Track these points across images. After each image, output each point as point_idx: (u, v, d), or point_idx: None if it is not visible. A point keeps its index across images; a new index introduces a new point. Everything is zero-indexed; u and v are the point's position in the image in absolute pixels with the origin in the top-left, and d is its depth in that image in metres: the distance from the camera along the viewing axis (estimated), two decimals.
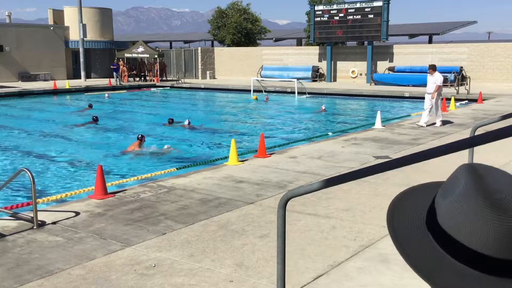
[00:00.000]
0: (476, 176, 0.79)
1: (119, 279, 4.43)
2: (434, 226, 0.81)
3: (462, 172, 0.81)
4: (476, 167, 0.81)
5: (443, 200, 0.81)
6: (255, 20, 45.89)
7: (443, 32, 37.32)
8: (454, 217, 0.78)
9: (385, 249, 5.01)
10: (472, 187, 0.77)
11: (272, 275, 4.34)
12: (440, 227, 0.80)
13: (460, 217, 0.77)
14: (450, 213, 0.78)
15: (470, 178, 0.79)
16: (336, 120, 18.09)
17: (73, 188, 8.61)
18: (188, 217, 6.08)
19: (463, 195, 0.77)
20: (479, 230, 0.75)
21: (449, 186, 0.82)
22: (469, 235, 0.76)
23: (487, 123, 6.57)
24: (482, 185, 0.77)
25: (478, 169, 0.81)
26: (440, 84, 13.58)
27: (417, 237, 0.83)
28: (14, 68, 35.29)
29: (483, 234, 0.75)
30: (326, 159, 9.43)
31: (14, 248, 5.12)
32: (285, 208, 3.29)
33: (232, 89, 29.71)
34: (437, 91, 13.44)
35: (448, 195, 0.80)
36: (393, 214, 0.89)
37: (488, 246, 0.75)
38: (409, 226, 0.85)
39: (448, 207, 0.79)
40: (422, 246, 0.81)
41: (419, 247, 0.82)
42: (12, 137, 14.79)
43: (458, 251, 0.78)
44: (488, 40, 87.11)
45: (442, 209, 0.80)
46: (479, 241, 0.75)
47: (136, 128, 15.95)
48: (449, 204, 0.79)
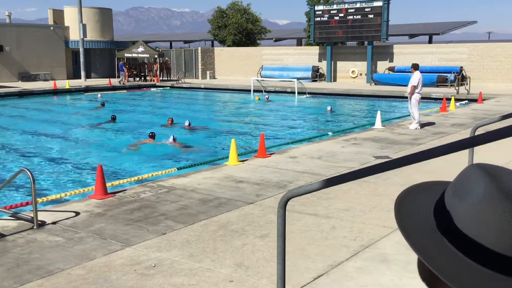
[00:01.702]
0: (493, 177, 0.77)
1: (119, 279, 4.43)
2: (452, 230, 0.79)
3: (476, 173, 0.79)
4: (489, 168, 0.80)
5: (459, 202, 0.79)
6: (255, 20, 45.88)
7: (443, 32, 37.31)
8: (477, 220, 0.76)
9: (385, 249, 5.01)
10: (494, 188, 0.76)
11: (272, 275, 4.34)
12: (459, 231, 0.78)
13: (484, 219, 0.75)
14: (472, 216, 0.77)
15: (489, 179, 0.77)
16: (336, 120, 18.09)
17: (73, 188, 8.61)
18: (188, 217, 6.08)
19: (486, 197, 0.76)
20: (506, 233, 0.74)
21: (462, 188, 0.80)
22: (496, 238, 0.74)
23: (487, 123, 6.57)
24: (503, 187, 0.76)
25: (491, 170, 0.79)
26: (414, 85, 12.89)
27: (432, 242, 0.80)
28: (14, 68, 35.28)
29: (509, 236, 0.74)
30: (326, 159, 9.43)
31: (14, 248, 5.12)
32: (285, 208, 3.29)
33: (232, 89, 29.70)
34: (412, 91, 12.99)
35: (465, 197, 0.78)
36: (402, 218, 0.87)
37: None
38: (422, 230, 0.83)
39: (468, 210, 0.77)
40: (441, 252, 0.79)
41: (438, 252, 0.79)
42: (12, 137, 14.78)
43: (482, 255, 0.76)
44: (488, 40, 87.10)
45: (460, 212, 0.78)
46: (506, 243, 0.74)
47: (136, 128, 15.95)
48: (470, 206, 0.77)
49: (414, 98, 13.14)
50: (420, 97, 13.34)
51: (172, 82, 35.00)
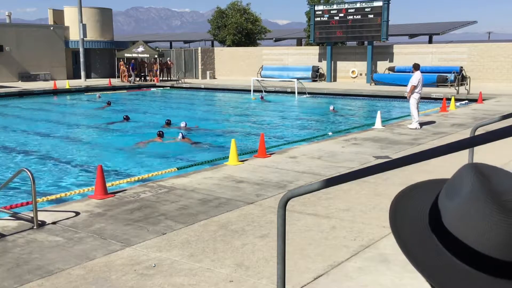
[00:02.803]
0: (483, 177, 0.78)
1: (119, 279, 4.43)
2: (440, 228, 0.80)
3: (468, 173, 0.79)
4: (481, 168, 0.80)
5: (448, 201, 0.80)
6: (255, 20, 45.88)
7: (443, 32, 37.31)
8: (461, 219, 0.77)
9: (385, 249, 5.01)
10: (479, 188, 0.76)
11: (272, 275, 4.34)
12: (446, 229, 0.79)
13: (468, 219, 0.76)
14: (457, 215, 0.77)
15: (477, 179, 0.77)
16: (336, 120, 18.09)
17: (73, 188, 8.61)
18: (188, 217, 6.08)
19: (471, 197, 0.76)
20: (487, 233, 0.74)
21: (453, 187, 0.80)
22: (478, 237, 0.75)
23: (487, 123, 6.57)
24: (489, 187, 0.76)
25: (483, 169, 0.80)
26: (414, 84, 13.04)
27: (421, 239, 0.81)
28: (14, 68, 35.28)
29: (492, 236, 0.74)
30: (326, 159, 9.43)
31: (14, 248, 5.12)
32: (285, 208, 3.29)
33: (232, 89, 29.70)
34: (411, 91, 13.10)
35: (453, 196, 0.79)
36: (395, 215, 0.88)
37: (496, 249, 0.74)
38: (412, 228, 0.84)
39: (454, 209, 0.78)
40: (428, 249, 0.80)
41: (424, 249, 0.80)
42: (12, 137, 14.78)
43: (465, 254, 0.76)
44: (488, 40, 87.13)
45: (448, 211, 0.79)
46: (488, 243, 0.74)
47: (136, 128, 15.95)
48: (456, 206, 0.78)
49: (413, 98, 13.18)
50: (420, 97, 13.38)
51: (172, 82, 34.99)
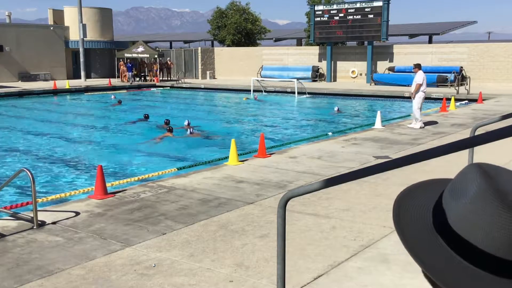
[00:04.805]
0: (489, 177, 0.77)
1: (119, 279, 4.43)
2: (445, 228, 0.80)
3: (473, 173, 0.79)
4: (486, 168, 0.80)
5: (453, 201, 0.79)
6: (255, 20, 45.86)
7: (443, 32, 37.31)
8: (467, 220, 0.76)
9: (385, 249, 5.01)
10: (486, 189, 0.76)
11: (272, 275, 4.34)
12: (451, 229, 0.78)
13: (475, 219, 0.76)
14: (463, 215, 0.77)
15: (483, 179, 0.77)
16: (336, 120, 18.09)
17: (73, 188, 8.61)
18: (188, 217, 6.08)
19: (477, 197, 0.76)
20: (494, 232, 0.74)
21: (458, 187, 0.80)
22: (484, 237, 0.75)
23: (487, 123, 6.57)
24: (496, 187, 0.76)
25: (488, 169, 0.79)
26: (420, 83, 13.14)
27: (426, 239, 0.81)
28: (14, 68, 35.28)
29: (499, 236, 0.74)
30: (326, 159, 9.43)
31: (14, 248, 5.12)
32: (285, 208, 3.29)
33: (232, 89, 29.70)
34: (416, 90, 13.15)
35: (459, 197, 0.79)
36: (399, 214, 0.87)
37: (503, 249, 0.74)
38: (417, 227, 0.83)
39: (460, 209, 0.78)
40: (433, 248, 0.80)
41: (430, 249, 0.80)
42: (12, 137, 14.78)
43: (471, 254, 0.76)
44: (488, 40, 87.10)
45: (453, 211, 0.79)
46: (494, 243, 0.74)
47: (136, 128, 15.95)
48: (462, 206, 0.77)
49: (418, 97, 13.25)
50: (424, 96, 13.51)
51: (172, 82, 34.99)
